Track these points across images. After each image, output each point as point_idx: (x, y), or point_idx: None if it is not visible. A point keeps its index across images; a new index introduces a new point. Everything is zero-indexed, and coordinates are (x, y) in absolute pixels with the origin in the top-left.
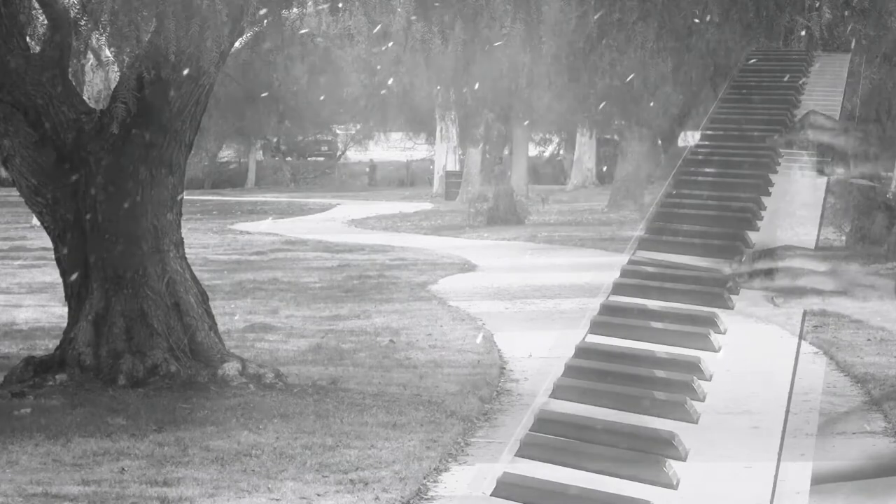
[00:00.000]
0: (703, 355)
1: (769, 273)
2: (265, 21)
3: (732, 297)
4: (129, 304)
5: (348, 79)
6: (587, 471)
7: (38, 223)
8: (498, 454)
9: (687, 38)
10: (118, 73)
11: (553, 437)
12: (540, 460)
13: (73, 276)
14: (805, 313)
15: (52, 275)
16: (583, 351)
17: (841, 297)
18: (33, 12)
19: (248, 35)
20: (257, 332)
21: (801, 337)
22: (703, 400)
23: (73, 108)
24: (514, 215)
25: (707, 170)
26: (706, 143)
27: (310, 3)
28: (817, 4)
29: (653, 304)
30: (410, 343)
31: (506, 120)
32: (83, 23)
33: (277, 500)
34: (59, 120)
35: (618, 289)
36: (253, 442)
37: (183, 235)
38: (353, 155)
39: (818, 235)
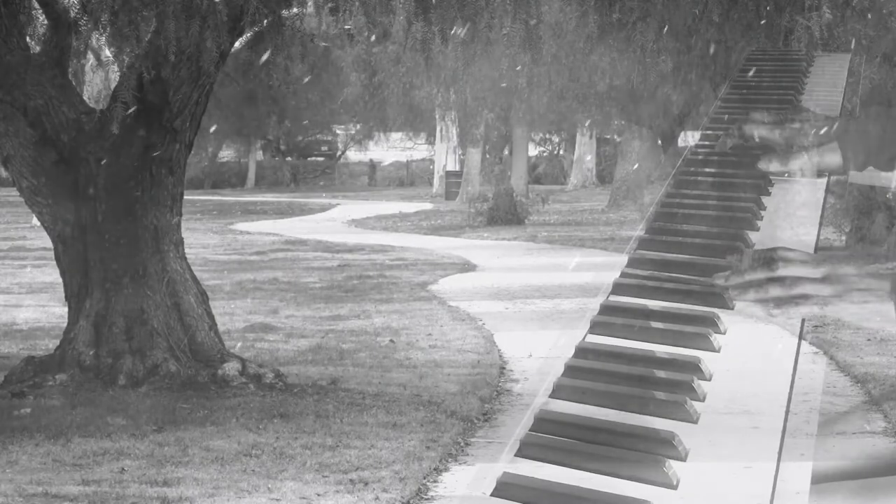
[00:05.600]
0: (703, 355)
1: (763, 284)
2: (265, 21)
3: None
4: (129, 304)
5: (348, 79)
6: (587, 471)
7: (38, 223)
8: (498, 454)
9: (687, 38)
10: (118, 73)
11: (553, 437)
12: (540, 460)
13: (73, 276)
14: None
15: (52, 275)
16: (583, 351)
17: (838, 302)
18: (33, 12)
19: (248, 35)
20: (257, 332)
21: (801, 337)
22: (703, 400)
23: (73, 108)
24: (514, 215)
25: (707, 170)
26: (706, 143)
27: (310, 3)
28: (817, 4)
29: (653, 304)
30: (410, 343)
31: (506, 120)
32: (83, 23)
33: (277, 500)
34: (59, 120)
35: (618, 289)
36: (253, 442)
37: (183, 235)
38: (353, 155)
39: (818, 235)
